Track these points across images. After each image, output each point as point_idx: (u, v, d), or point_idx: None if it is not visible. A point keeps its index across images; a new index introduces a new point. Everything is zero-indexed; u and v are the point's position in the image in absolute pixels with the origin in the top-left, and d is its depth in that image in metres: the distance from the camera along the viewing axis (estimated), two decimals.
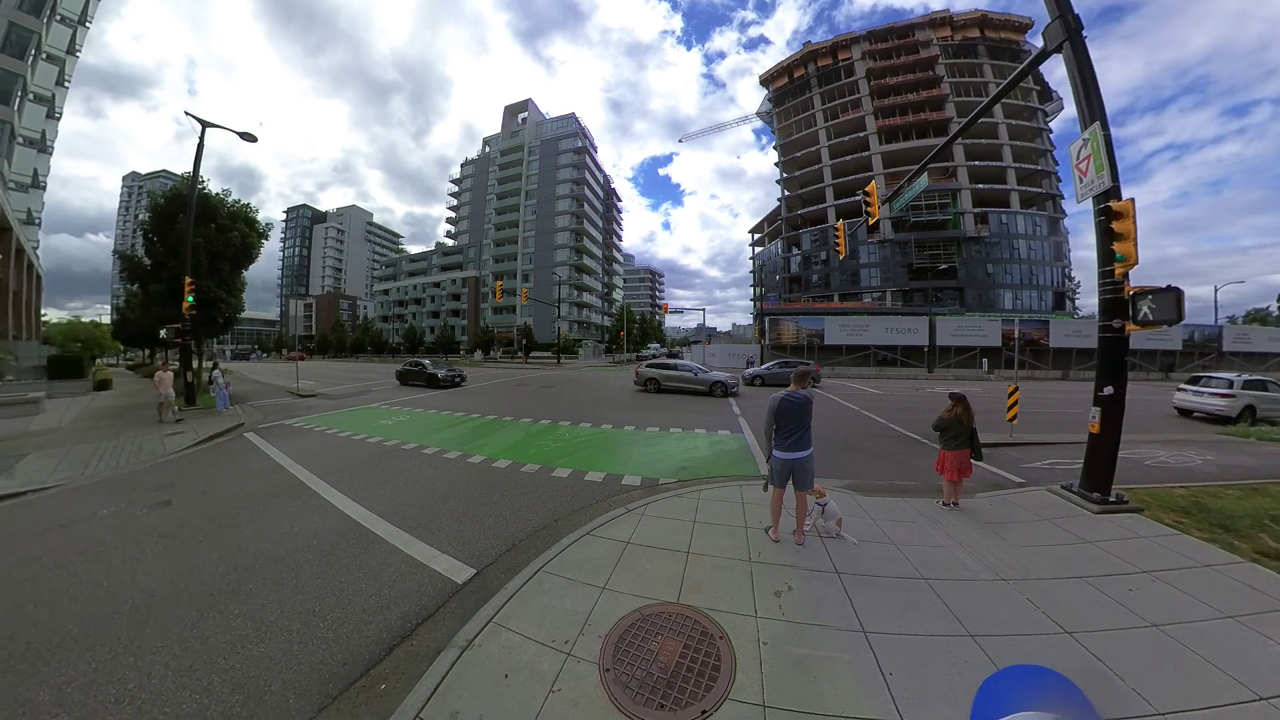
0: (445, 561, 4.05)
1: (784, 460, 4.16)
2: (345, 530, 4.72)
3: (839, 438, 9.59)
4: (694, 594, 3.35)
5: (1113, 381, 5.24)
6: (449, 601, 3.45)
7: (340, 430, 10.17)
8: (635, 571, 3.68)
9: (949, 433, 5.20)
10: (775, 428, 4.23)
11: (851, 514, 5.04)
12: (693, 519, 4.80)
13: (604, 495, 5.83)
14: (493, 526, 4.84)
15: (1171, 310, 4.38)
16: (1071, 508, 5.22)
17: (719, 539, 4.31)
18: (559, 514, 5.20)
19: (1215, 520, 4.87)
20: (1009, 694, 0.59)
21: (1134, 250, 4.69)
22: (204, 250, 16.43)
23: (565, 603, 3.25)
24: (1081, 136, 5.67)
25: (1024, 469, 7.29)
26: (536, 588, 3.47)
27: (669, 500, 5.41)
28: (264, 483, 6.42)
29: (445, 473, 6.80)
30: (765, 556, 3.98)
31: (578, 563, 3.84)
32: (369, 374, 30.41)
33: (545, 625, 3.00)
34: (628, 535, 4.36)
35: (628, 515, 4.87)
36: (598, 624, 2.99)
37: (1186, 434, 10.28)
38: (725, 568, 3.76)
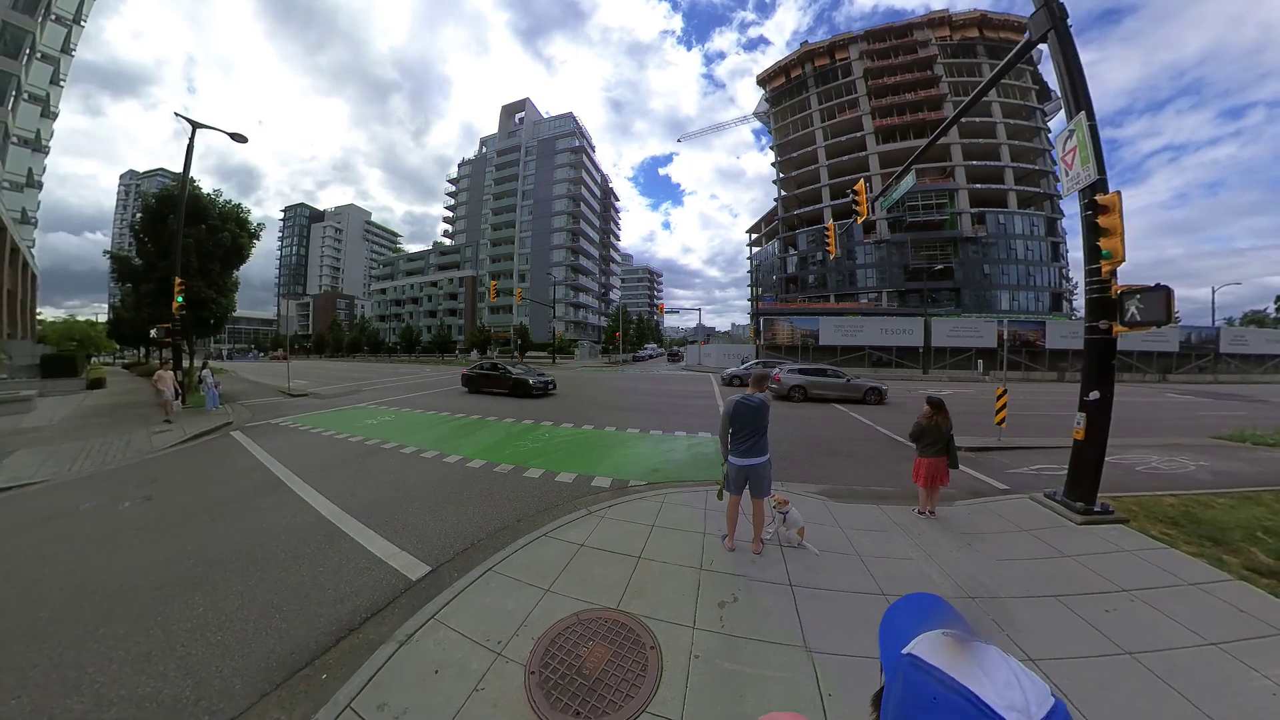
0: (403, 559, 4.11)
1: (738, 466, 3.98)
2: (314, 526, 4.83)
3: (821, 439, 9.33)
4: (635, 600, 3.29)
5: (1099, 386, 4.97)
6: (400, 597, 3.52)
7: (325, 429, 10.20)
8: (582, 575, 3.64)
9: (925, 440, 4.94)
10: (730, 432, 4.00)
11: (819, 522, 4.83)
12: (652, 523, 4.69)
13: (571, 496, 5.80)
14: (455, 525, 4.88)
15: (1160, 310, 4.10)
16: (1054, 518, 4.95)
17: (674, 544, 4.21)
18: (523, 514, 5.20)
19: (1205, 532, 4.60)
20: (910, 619, 0.64)
21: (1121, 246, 4.42)
22: (194, 251, 16.48)
23: (507, 603, 3.25)
24: (1067, 128, 5.42)
25: (1009, 475, 7.03)
26: (483, 587, 3.47)
27: (632, 503, 5.30)
28: (244, 480, 6.53)
29: (420, 472, 6.87)
30: (717, 565, 3.84)
31: (528, 564, 3.82)
32: (364, 374, 30.12)
33: (483, 624, 3.02)
34: (583, 538, 4.30)
35: (588, 518, 4.81)
36: (534, 626, 2.99)
37: (1181, 439, 10.02)
38: (673, 575, 3.66)
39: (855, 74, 53.98)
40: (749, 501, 4.18)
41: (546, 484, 6.31)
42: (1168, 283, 4.24)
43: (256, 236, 19.58)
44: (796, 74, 58.32)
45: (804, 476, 6.84)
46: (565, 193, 68.46)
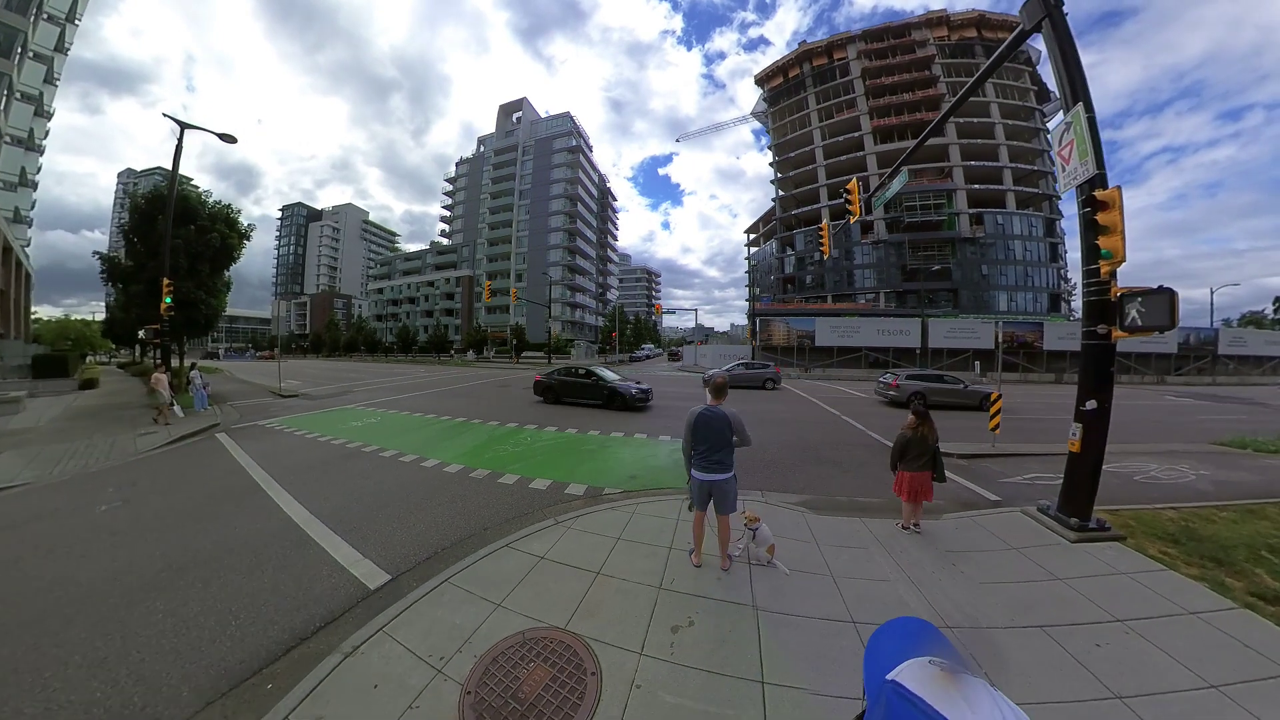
0: (365, 566, 4.06)
1: (700, 481, 3.80)
2: (282, 532, 4.81)
3: (809, 445, 9.04)
4: (586, 620, 3.15)
5: (1097, 394, 4.66)
6: (355, 607, 3.48)
7: (309, 431, 10.14)
8: (537, 590, 3.53)
9: (911, 452, 4.65)
10: (692, 445, 3.79)
11: (795, 537, 4.58)
12: (618, 535, 4.52)
13: (543, 504, 5.70)
14: (422, 533, 4.81)
15: (1164, 315, 3.78)
16: (1046, 534, 4.66)
17: (637, 560, 4.03)
18: (491, 522, 5.12)
19: (1207, 551, 4.32)
20: (898, 643, 0.63)
21: (1121, 245, 4.12)
22: (183, 251, 16.42)
23: (456, 617, 3.18)
24: (1064, 120, 5.13)
25: (1001, 484, 6.74)
26: (436, 599, 3.41)
27: (601, 514, 5.13)
28: (221, 484, 6.53)
29: (396, 476, 6.82)
30: (678, 583, 3.65)
31: (485, 576, 3.73)
32: (357, 374, 29.79)
33: (429, 639, 2.97)
34: (545, 550, 4.18)
35: (554, 528, 4.68)
36: (479, 643, 2.92)
37: (1180, 445, 9.74)
38: (630, 593, 3.50)
39: (853, 74, 53.73)
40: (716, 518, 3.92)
41: (520, 491, 6.17)
42: (1166, 284, 3.96)
43: (247, 237, 19.65)
44: (794, 74, 58.07)
45: (786, 485, 6.57)
46: (562, 192, 68.16)
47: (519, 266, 69.95)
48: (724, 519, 3.87)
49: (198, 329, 19.69)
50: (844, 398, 18.00)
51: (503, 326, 64.06)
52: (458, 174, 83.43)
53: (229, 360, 60.92)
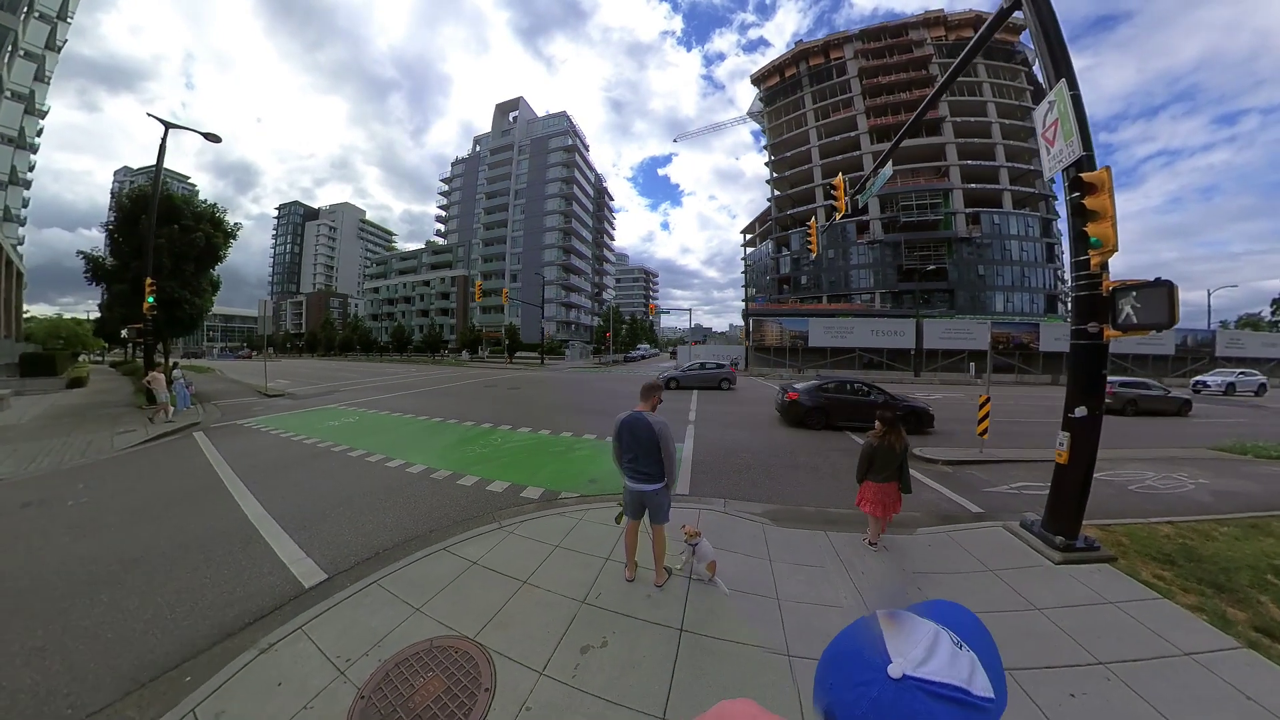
0: (306, 565, 4.10)
1: (630, 490, 3.56)
2: (235, 529, 4.88)
3: (784, 448, 8.59)
4: (497, 632, 3.05)
5: (1086, 401, 4.19)
6: (286, 605, 3.52)
7: (284, 431, 10.18)
8: (459, 596, 3.47)
9: (876, 463, 4.20)
10: (619, 453, 3.58)
11: (748, 552, 4.20)
12: (558, 542, 4.38)
13: (495, 506, 5.61)
14: (370, 533, 4.81)
15: (1162, 310, 3.30)
16: (1028, 554, 4.21)
17: (569, 570, 3.87)
18: (440, 524, 5.07)
19: (1206, 574, 3.87)
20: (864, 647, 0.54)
21: (1112, 232, 3.67)
22: (167, 251, 16.28)
23: (374, 619, 3.18)
24: (1046, 99, 4.70)
25: (985, 494, 6.29)
26: (360, 600, 3.41)
27: (548, 519, 4.99)
28: (187, 482, 6.61)
29: (359, 476, 6.81)
30: (604, 598, 3.45)
31: (414, 579, 3.69)
32: (348, 374, 29.29)
33: (342, 640, 2.97)
34: (480, 554, 4.10)
35: (497, 532, 4.59)
36: (387, 647, 2.91)
37: (1178, 450, 9.30)
38: (551, 605, 3.35)
39: (850, 73, 53.41)
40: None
41: (477, 493, 6.07)
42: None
43: (233, 236, 19.59)
44: (791, 73, 57.77)
45: (751, 493, 6.14)
46: (558, 192, 67.74)
47: (514, 266, 69.50)
48: (658, 530, 3.57)
49: (182, 328, 19.65)
50: None
51: (497, 326, 63.61)
52: (453, 174, 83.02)
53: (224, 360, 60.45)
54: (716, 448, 8.71)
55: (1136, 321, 3.48)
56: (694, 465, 7.49)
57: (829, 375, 14.41)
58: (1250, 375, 25.14)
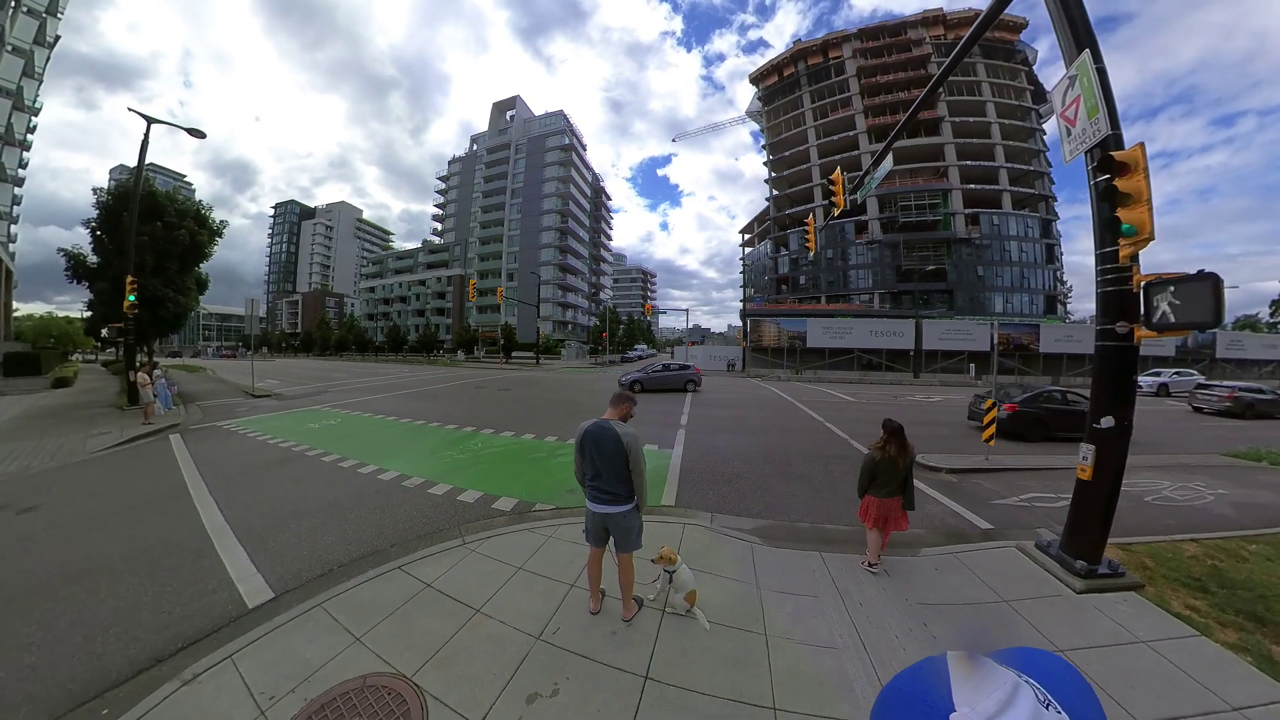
0: (254, 582, 3.87)
1: (592, 513, 3.13)
2: (190, 540, 4.66)
3: (781, 457, 8.15)
4: (438, 671, 2.73)
5: (1114, 409, 3.69)
6: (224, 627, 3.28)
7: (262, 434, 9.97)
8: (405, 625, 3.17)
9: (879, 477, 3.78)
10: (581, 468, 3.15)
11: (735, 576, 3.79)
12: (521, 563, 4.00)
13: (464, 519, 5.28)
14: (327, 546, 4.54)
15: (1205, 307, 2.86)
16: (1045, 580, 3.78)
17: (529, 597, 3.50)
18: (402, 538, 4.75)
19: (1243, 604, 3.46)
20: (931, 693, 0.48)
21: (1148, 218, 3.22)
22: (149, 249, 16.00)
23: (310, 649, 2.92)
24: (1066, 74, 4.27)
25: (995, 507, 5.87)
26: (299, 625, 3.16)
27: (516, 535, 4.64)
28: (150, 487, 6.38)
29: (328, 483, 6.55)
30: (562, 634, 3.06)
31: (362, 602, 3.41)
32: (340, 373, 28.75)
33: (271, 672, 2.74)
34: (436, 576, 3.79)
35: (459, 549, 4.26)
36: (317, 683, 2.65)
37: (1190, 456, 8.90)
38: (502, 641, 3.00)
39: (849, 72, 53.08)
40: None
41: (447, 503, 5.75)
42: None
43: (219, 234, 19.29)
44: (789, 72, 57.41)
45: (743, 507, 5.69)
46: (554, 191, 67.28)
47: (510, 266, 69.02)
48: (624, 559, 3.15)
49: (166, 327, 19.37)
50: (830, 402, 17.13)
51: (494, 326, 63.08)
52: (450, 172, 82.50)
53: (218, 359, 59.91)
54: (708, 454, 8.29)
55: (1174, 320, 3.04)
56: (682, 474, 7.06)
57: (1034, 385, 13.74)
58: (1186, 375, 24.83)
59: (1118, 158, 3.33)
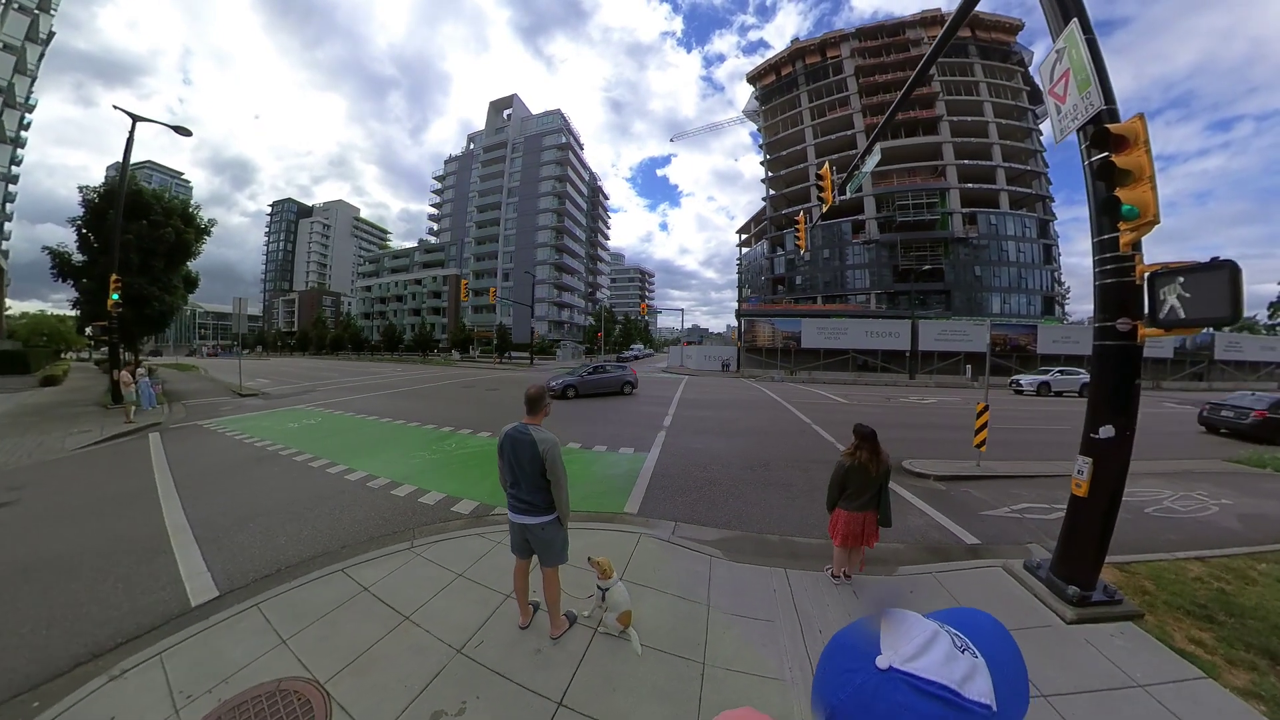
0: (203, 581, 3.87)
1: (511, 523, 2.94)
2: (148, 538, 4.66)
3: (761, 461, 7.74)
4: (353, 679, 2.68)
5: (1114, 417, 3.27)
6: (164, 624, 3.30)
7: (240, 433, 9.93)
8: (333, 629, 3.12)
9: (849, 487, 3.38)
10: (502, 472, 2.95)
11: (684, 594, 3.46)
12: (463, 570, 3.86)
13: (421, 521, 5.19)
14: (281, 547, 4.52)
15: (1221, 300, 2.41)
16: (1033, 607, 3.38)
17: (462, 606, 3.37)
18: (354, 539, 4.70)
19: (1254, 636, 3.06)
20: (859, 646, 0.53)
21: (1152, 198, 2.80)
22: (134, 247, 15.95)
23: (237, 649, 2.92)
24: (1054, 49, 3.88)
25: (983, 519, 5.46)
26: (231, 625, 3.16)
27: (466, 539, 4.49)
28: (120, 486, 6.37)
29: (295, 483, 6.51)
30: (484, 649, 2.91)
31: (298, 604, 3.38)
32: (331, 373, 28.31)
33: (194, 671, 2.75)
34: (375, 579, 3.71)
35: (405, 553, 4.17)
36: (237, 684, 2.65)
37: (1192, 462, 8.50)
38: (422, 651, 2.89)
39: (846, 72, 52.82)
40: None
41: (408, 504, 5.67)
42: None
43: (207, 232, 19.28)
44: (787, 72, 57.15)
45: (710, 514, 5.32)
46: (551, 190, 66.90)
47: (506, 265, 68.62)
48: (548, 573, 2.92)
49: (152, 326, 19.26)
50: (821, 403, 16.73)
51: (489, 326, 62.66)
52: (446, 171, 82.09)
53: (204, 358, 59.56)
54: (685, 458, 7.89)
55: (1184, 316, 2.60)
56: (652, 478, 6.66)
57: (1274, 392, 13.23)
58: (1072, 374, 23.08)
59: (1114, 130, 2.92)
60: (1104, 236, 3.24)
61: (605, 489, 6.28)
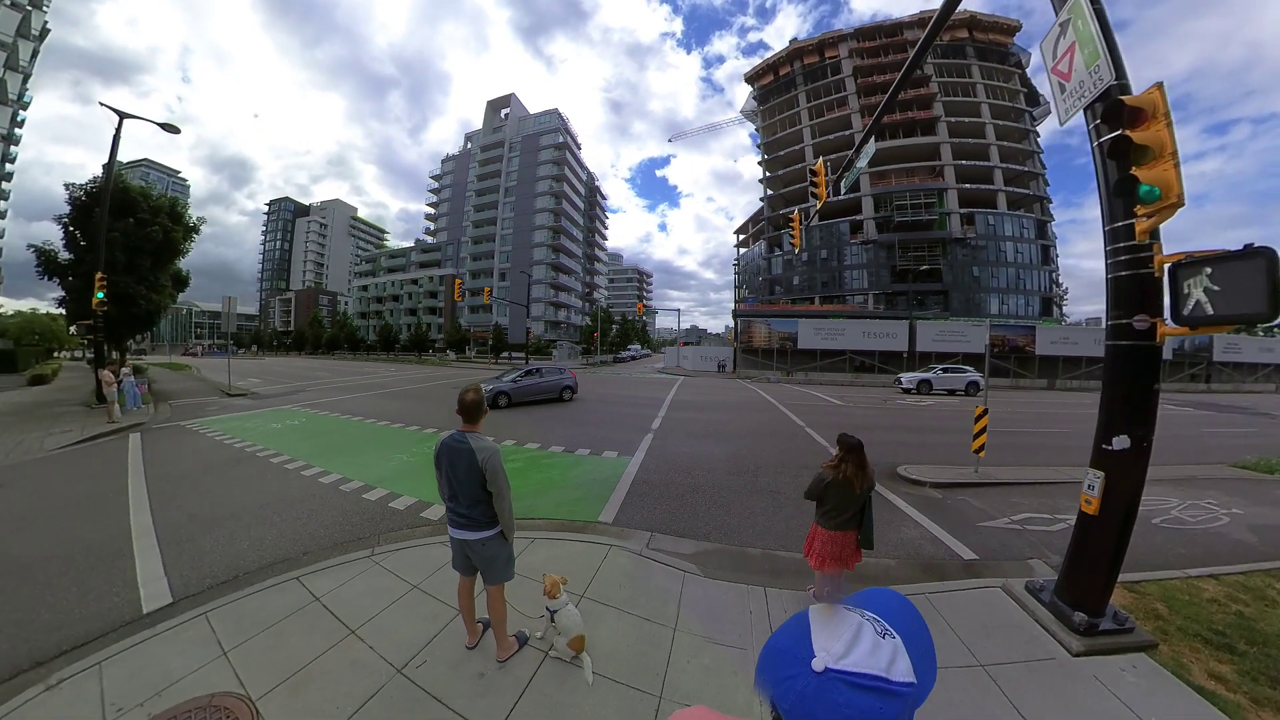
0: (158, 586, 3.78)
1: (451, 538, 2.76)
2: (111, 541, 4.56)
3: (750, 467, 7.40)
4: (286, 697, 2.54)
5: (1131, 426, 2.88)
6: (113, 631, 3.20)
7: (222, 434, 9.76)
8: (276, 641, 3.00)
9: (828, 502, 3.06)
10: (439, 483, 2.75)
11: (649, 615, 3.19)
12: (419, 581, 3.68)
13: (388, 527, 5.01)
14: (242, 552, 4.40)
15: (1256, 294, 2.05)
16: (1036, 635, 3.05)
17: (411, 621, 3.19)
18: (317, 545, 4.56)
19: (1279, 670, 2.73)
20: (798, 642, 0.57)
21: (1176, 178, 2.48)
22: (120, 245, 15.72)
23: (176, 660, 2.79)
24: (1057, 21, 3.57)
25: (982, 530, 5.14)
26: (177, 634, 3.05)
27: (427, 548, 4.25)
28: (92, 487, 6.28)
29: (268, 485, 6.38)
30: (425, 670, 2.72)
31: (246, 613, 3.27)
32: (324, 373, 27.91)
33: (131, 682, 2.62)
34: (328, 589, 3.55)
35: (364, 561, 4.00)
36: (169, 698, 2.51)
37: (1197, 467, 8.19)
38: (362, 669, 2.74)
39: (844, 72, 52.69)
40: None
41: (378, 509, 5.50)
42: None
43: (195, 231, 19.03)
44: (785, 72, 56.99)
45: (691, 524, 5.01)
46: (548, 190, 66.58)
47: (503, 265, 68.24)
48: (492, 591, 2.73)
49: (138, 325, 19.01)
50: (817, 405, 16.41)
51: (485, 326, 62.27)
52: (444, 171, 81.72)
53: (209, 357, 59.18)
54: (670, 463, 7.55)
55: (1213, 312, 2.25)
56: (633, 485, 6.33)
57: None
58: (957, 371, 22.48)
59: (1130, 102, 2.59)
60: (1117, 224, 2.92)
61: (581, 496, 5.95)
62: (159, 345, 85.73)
